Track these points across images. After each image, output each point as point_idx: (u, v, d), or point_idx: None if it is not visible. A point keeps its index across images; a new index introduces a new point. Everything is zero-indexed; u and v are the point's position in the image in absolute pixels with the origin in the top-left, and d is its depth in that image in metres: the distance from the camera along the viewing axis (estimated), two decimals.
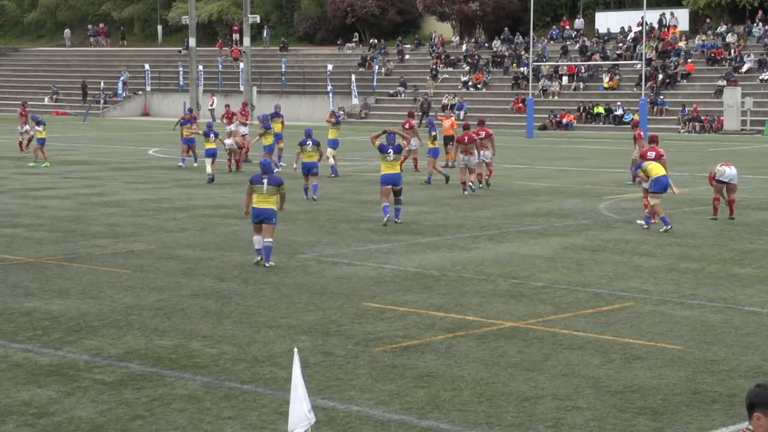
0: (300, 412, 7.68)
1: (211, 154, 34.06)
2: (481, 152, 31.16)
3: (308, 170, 29.12)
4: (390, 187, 23.94)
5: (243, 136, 38.84)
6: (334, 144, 36.30)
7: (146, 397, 11.34)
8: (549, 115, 64.35)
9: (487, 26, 78.84)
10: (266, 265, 18.69)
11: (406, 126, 38.33)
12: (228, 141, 37.33)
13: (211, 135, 34.59)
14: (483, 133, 31.78)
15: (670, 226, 22.70)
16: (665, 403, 11.17)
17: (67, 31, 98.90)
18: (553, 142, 54.84)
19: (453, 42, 78.01)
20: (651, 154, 24.88)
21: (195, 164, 38.21)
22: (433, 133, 33.37)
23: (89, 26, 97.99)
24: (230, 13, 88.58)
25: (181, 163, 38.62)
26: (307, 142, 29.58)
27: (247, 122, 41.52)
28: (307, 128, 31.65)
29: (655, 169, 23.13)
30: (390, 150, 24.25)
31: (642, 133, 33.60)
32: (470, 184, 30.51)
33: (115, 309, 15.51)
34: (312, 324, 14.56)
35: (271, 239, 18.85)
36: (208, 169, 33.82)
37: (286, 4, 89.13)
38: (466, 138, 30.30)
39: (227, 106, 44.51)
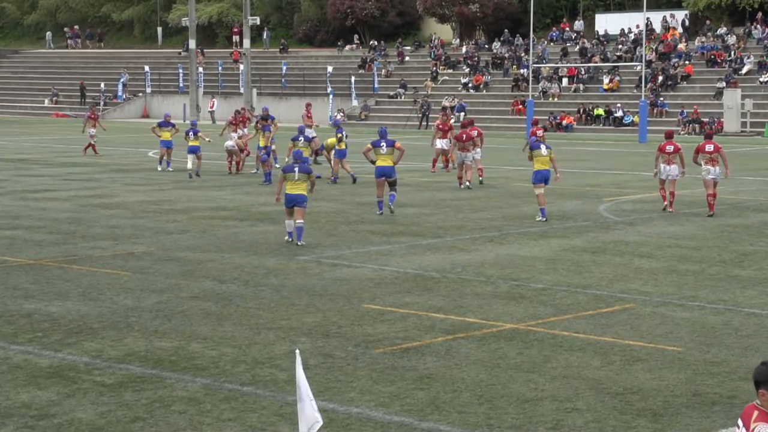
0: (310, 413, 7.65)
1: (192, 150, 35.54)
2: (476, 149, 32.43)
3: None
4: (384, 179, 25.41)
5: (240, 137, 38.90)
6: (341, 154, 35.97)
7: (146, 399, 11.35)
8: (549, 116, 64.35)
9: (487, 28, 78.86)
10: (298, 243, 20.96)
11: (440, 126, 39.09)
12: (229, 143, 37.32)
13: (191, 133, 35.90)
14: (475, 132, 33.14)
15: (545, 219, 24.33)
16: (665, 404, 11.18)
17: (48, 33, 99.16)
18: (553, 143, 54.69)
19: (453, 44, 78.04)
20: (669, 148, 25.80)
21: (169, 169, 37.94)
22: (339, 135, 34.07)
23: (65, 29, 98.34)
24: (230, 15, 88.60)
25: (159, 167, 38.26)
26: (299, 138, 31.46)
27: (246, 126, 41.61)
28: (300, 125, 33.58)
29: (539, 162, 24.68)
30: (383, 143, 25.64)
31: (539, 132, 33.92)
32: (467, 182, 31.71)
33: (115, 311, 15.51)
34: (312, 326, 14.56)
35: (302, 220, 21.09)
36: (189, 165, 35.34)
37: (286, 5, 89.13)
38: (464, 136, 31.59)
39: (243, 109, 44.42)
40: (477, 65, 73.29)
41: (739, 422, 6.89)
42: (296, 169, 20.93)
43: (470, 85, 71.60)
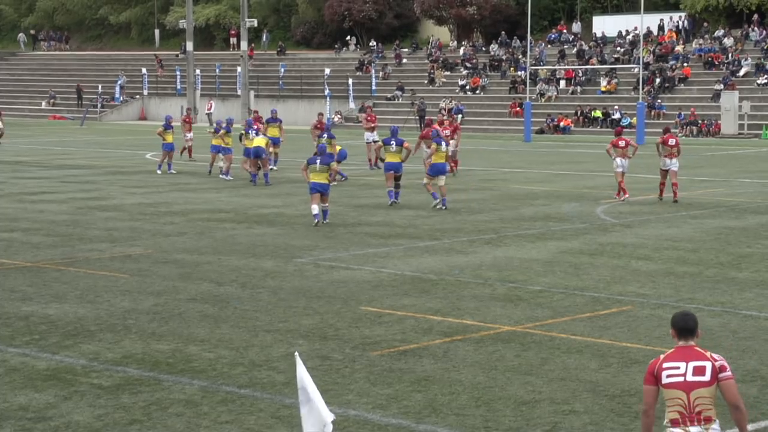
0: (319, 415, 7.54)
1: (250, 153, 35.57)
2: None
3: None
4: (392, 172, 28.02)
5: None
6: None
7: (143, 402, 11.34)
8: (546, 119, 64.37)
9: (484, 30, 78.87)
10: (323, 222, 24.06)
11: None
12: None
13: (251, 132, 36.54)
14: (448, 131, 35.14)
15: (438, 201, 27.07)
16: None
17: (21, 35, 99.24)
18: (550, 146, 54.84)
19: (450, 46, 78.05)
20: (672, 141, 28.27)
21: (171, 171, 37.77)
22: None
23: (31, 31, 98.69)
24: (227, 17, 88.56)
25: (159, 171, 38.07)
26: (322, 135, 33.86)
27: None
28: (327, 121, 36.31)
29: (437, 157, 27.52)
30: (392, 141, 28.32)
31: (440, 128, 34.31)
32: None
33: (113, 313, 15.50)
34: (309, 328, 14.56)
35: (326, 204, 24.35)
36: (249, 168, 35.21)
37: (284, 8, 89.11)
38: (430, 134, 33.13)
39: (255, 111, 44.18)
40: (475, 67, 73.30)
41: (683, 364, 8.20)
42: (318, 160, 24.10)
43: (468, 87, 71.62)
